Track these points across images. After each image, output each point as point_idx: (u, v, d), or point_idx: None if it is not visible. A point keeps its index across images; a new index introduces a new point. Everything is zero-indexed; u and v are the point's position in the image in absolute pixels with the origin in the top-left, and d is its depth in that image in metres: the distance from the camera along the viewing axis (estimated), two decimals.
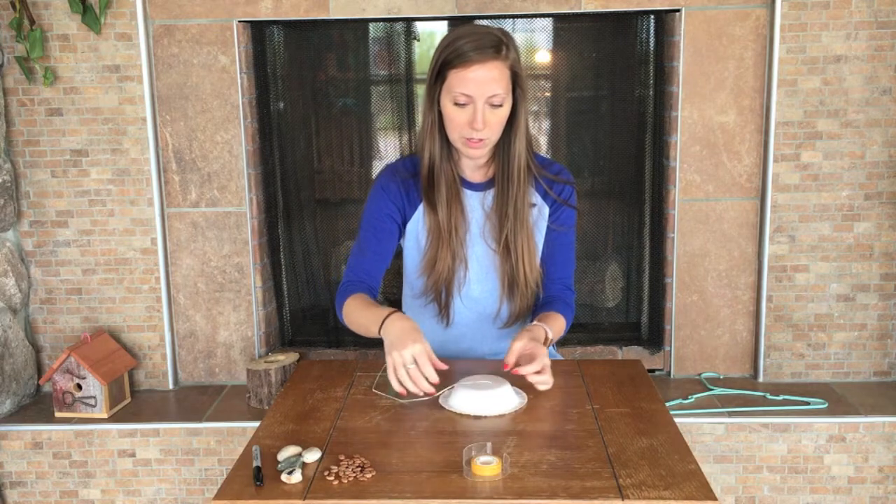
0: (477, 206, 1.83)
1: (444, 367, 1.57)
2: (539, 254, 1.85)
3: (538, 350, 1.64)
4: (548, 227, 1.86)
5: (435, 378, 1.54)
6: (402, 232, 1.87)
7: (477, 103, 1.66)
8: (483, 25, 1.74)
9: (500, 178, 1.79)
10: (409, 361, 1.54)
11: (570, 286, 1.92)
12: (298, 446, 1.42)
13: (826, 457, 2.40)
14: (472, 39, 1.66)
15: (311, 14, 2.46)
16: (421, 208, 1.83)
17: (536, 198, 1.83)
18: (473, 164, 1.82)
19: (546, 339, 1.74)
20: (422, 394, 1.55)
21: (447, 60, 1.67)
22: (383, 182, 1.86)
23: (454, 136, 1.73)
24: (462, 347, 1.93)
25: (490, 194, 1.82)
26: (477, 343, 1.92)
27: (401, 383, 1.54)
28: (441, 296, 1.85)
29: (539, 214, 1.84)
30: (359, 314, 1.73)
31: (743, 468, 2.42)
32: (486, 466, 1.31)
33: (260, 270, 2.65)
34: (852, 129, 2.49)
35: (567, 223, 1.87)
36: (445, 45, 1.69)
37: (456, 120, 1.69)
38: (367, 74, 2.73)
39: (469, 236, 1.82)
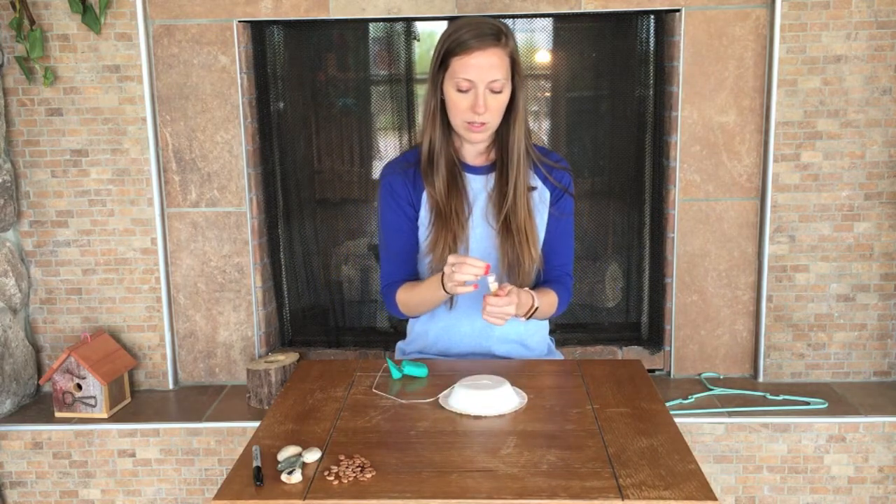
0: (480, 189, 1.89)
1: (480, 263, 1.68)
2: (540, 237, 1.91)
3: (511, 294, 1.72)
4: (549, 213, 1.92)
5: (477, 263, 1.67)
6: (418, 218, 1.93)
7: (478, 88, 1.76)
8: (482, 17, 1.81)
9: (500, 161, 1.87)
10: (450, 269, 1.69)
11: (569, 272, 1.99)
12: (298, 446, 1.42)
13: (826, 457, 2.40)
14: (473, 28, 1.76)
15: (311, 14, 2.46)
16: (425, 197, 1.89)
17: (536, 181, 1.91)
18: (475, 150, 1.89)
19: (532, 305, 1.81)
20: (477, 275, 1.68)
21: (450, 49, 1.77)
22: (389, 179, 1.92)
23: (457, 121, 1.81)
24: (465, 331, 1.94)
25: (493, 177, 1.89)
26: (480, 326, 1.92)
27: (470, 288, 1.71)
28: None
29: (540, 199, 1.91)
30: (416, 291, 1.88)
31: (743, 468, 2.42)
32: None
33: (260, 270, 2.65)
34: (852, 129, 2.48)
35: (566, 210, 1.95)
36: (448, 35, 1.79)
37: (459, 105, 1.78)
38: (367, 74, 2.73)
39: (472, 219, 1.88)
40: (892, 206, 2.53)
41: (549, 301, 1.89)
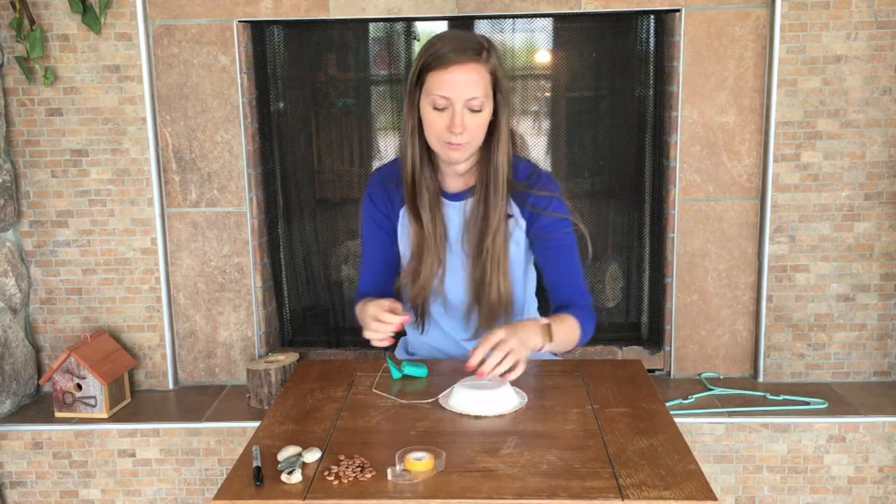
0: (455, 215, 1.81)
1: (401, 314, 1.63)
2: (513, 267, 1.82)
3: (491, 337, 1.59)
4: (532, 240, 1.83)
5: (392, 319, 1.63)
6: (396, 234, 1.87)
7: (455, 106, 1.64)
8: (465, 31, 1.73)
9: (481, 187, 1.76)
10: (371, 318, 1.64)
11: (583, 289, 1.85)
12: (298, 446, 1.42)
13: (826, 457, 2.40)
14: (452, 42, 1.65)
15: (311, 14, 2.46)
16: (401, 215, 1.83)
17: (513, 209, 1.80)
18: (453, 173, 1.79)
19: (549, 332, 1.67)
20: (390, 333, 1.64)
21: (426, 63, 1.65)
22: (370, 190, 1.87)
23: (433, 139, 1.70)
24: (438, 357, 1.94)
25: (469, 203, 1.80)
26: (452, 351, 1.93)
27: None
28: (421, 304, 1.86)
29: (515, 225, 1.81)
30: (357, 314, 1.83)
31: (743, 468, 2.42)
32: (419, 462, 1.32)
33: (260, 270, 2.65)
34: (852, 129, 2.49)
35: (554, 231, 1.81)
36: (425, 48, 1.67)
37: (435, 124, 1.67)
38: (367, 74, 2.73)
39: (448, 246, 1.81)
40: (892, 206, 2.53)
41: (567, 325, 1.74)
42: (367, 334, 1.66)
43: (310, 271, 2.82)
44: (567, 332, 1.74)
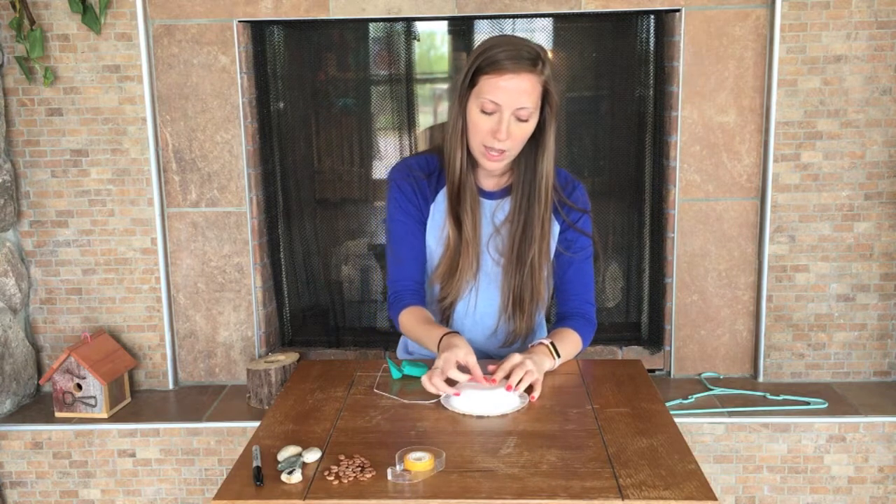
0: (487, 214, 1.82)
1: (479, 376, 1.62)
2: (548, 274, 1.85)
3: (510, 359, 1.65)
4: (558, 251, 1.85)
5: (483, 385, 1.60)
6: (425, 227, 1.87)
7: (504, 113, 1.65)
8: (520, 37, 1.73)
9: (520, 194, 1.78)
10: (444, 367, 1.61)
11: (590, 300, 1.90)
12: (298, 446, 1.42)
13: (826, 457, 2.40)
14: (509, 49, 1.65)
15: (311, 14, 2.46)
16: (433, 210, 1.83)
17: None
18: (487, 173, 1.81)
19: (551, 354, 1.74)
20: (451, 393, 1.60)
21: (480, 67, 1.66)
22: (398, 183, 1.84)
23: (475, 143, 1.71)
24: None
25: (502, 205, 1.81)
26: (479, 342, 1.92)
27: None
28: (449, 305, 1.86)
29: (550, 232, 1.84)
30: (417, 331, 1.79)
31: (743, 468, 2.42)
32: (419, 462, 1.33)
33: (260, 270, 2.66)
34: (852, 129, 2.49)
35: (578, 245, 1.86)
36: (481, 51, 1.67)
37: (480, 126, 1.68)
38: (367, 74, 2.73)
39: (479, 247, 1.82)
40: (892, 206, 2.53)
41: (570, 342, 1.81)
42: (430, 384, 1.62)
43: (310, 271, 2.82)
44: (571, 348, 1.81)
